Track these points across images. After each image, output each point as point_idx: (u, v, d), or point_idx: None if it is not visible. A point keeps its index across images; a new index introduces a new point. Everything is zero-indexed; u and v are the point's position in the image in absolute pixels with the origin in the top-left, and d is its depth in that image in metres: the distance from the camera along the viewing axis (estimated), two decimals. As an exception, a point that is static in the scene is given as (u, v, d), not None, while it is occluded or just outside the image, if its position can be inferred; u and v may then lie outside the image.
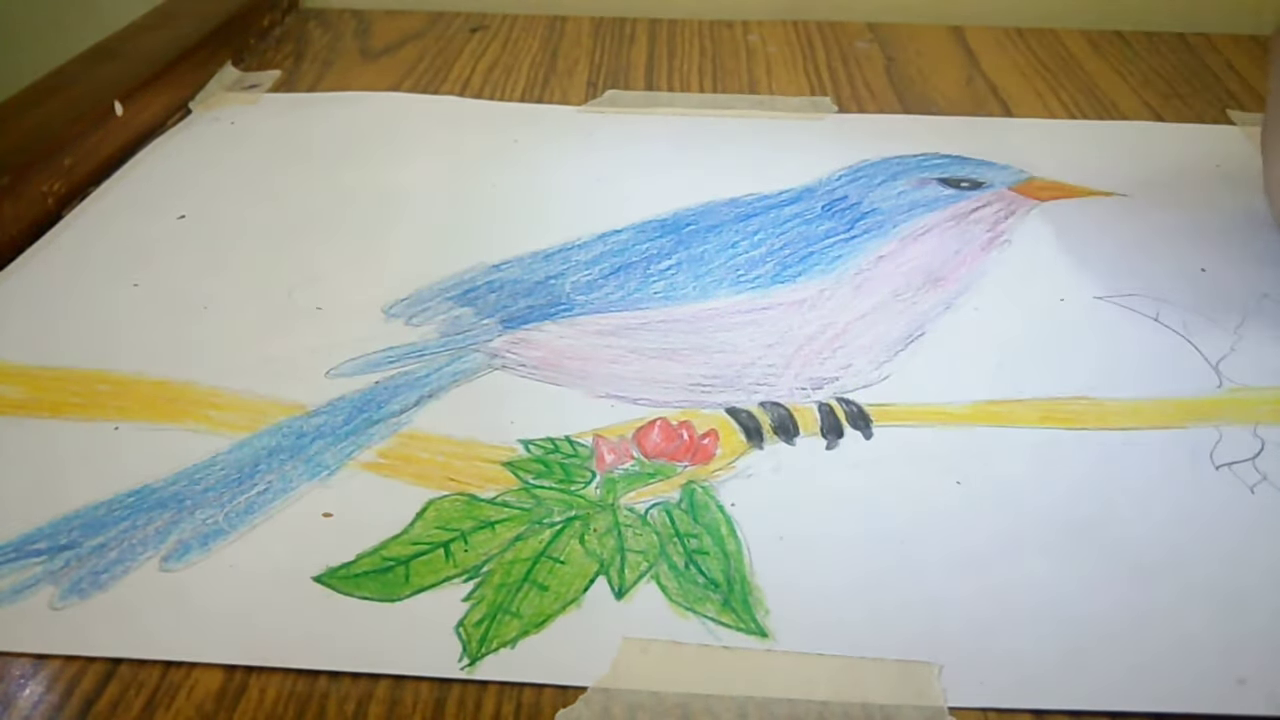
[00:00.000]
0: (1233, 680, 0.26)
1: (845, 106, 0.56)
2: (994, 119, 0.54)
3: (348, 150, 0.51)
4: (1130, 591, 0.28)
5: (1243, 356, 0.36)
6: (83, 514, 0.30)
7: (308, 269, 0.41)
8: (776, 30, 0.67)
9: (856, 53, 0.63)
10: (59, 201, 0.46)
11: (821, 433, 0.33)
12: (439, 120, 0.54)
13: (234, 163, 0.50)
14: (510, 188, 0.47)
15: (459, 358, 0.36)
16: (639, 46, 0.65)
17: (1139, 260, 0.42)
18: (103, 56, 0.55)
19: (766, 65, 0.62)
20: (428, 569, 0.28)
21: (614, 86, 0.58)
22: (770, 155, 0.50)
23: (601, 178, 0.48)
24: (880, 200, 0.45)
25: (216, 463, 0.32)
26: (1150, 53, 0.64)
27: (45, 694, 0.25)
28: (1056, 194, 0.46)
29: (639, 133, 0.53)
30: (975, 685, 0.25)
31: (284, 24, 0.68)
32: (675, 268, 0.41)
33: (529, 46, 0.64)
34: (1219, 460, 0.32)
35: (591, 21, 0.68)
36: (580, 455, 0.32)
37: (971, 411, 0.34)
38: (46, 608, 0.27)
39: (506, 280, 0.40)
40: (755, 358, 0.36)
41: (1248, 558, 0.29)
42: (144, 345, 0.37)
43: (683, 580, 0.28)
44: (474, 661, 0.26)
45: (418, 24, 0.68)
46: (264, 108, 0.55)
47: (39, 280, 0.41)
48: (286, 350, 0.36)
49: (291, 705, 0.25)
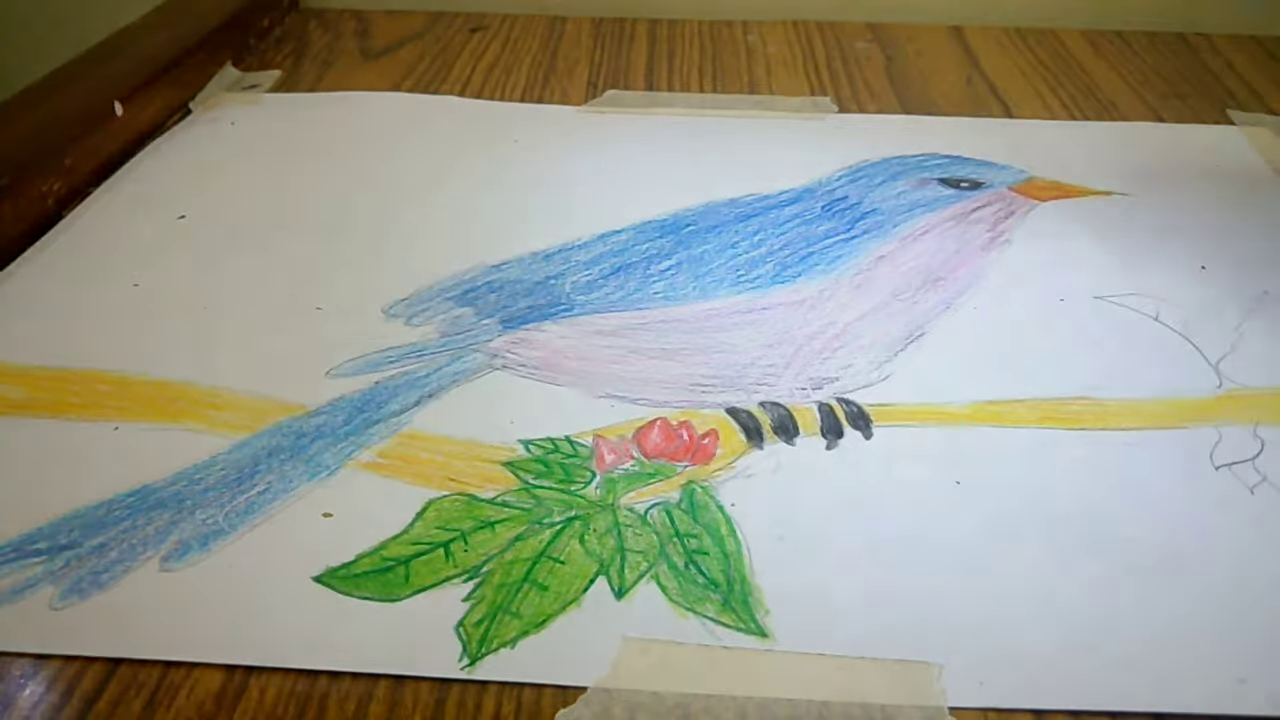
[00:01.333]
0: (1233, 680, 0.26)
1: (845, 106, 0.56)
2: (994, 119, 0.54)
3: (348, 150, 0.51)
4: (1130, 591, 0.28)
5: (1243, 356, 0.36)
6: (83, 514, 0.30)
7: (308, 269, 0.41)
8: (776, 30, 0.67)
9: (856, 53, 0.63)
10: (59, 201, 0.46)
11: (821, 433, 0.33)
12: (439, 120, 0.54)
13: (234, 163, 0.50)
14: (510, 188, 0.47)
15: (459, 358, 0.36)
16: (639, 46, 0.65)
17: (1139, 260, 0.42)
18: (103, 56, 0.55)
19: (766, 65, 0.62)
20: (428, 569, 0.28)
21: (614, 86, 0.58)
22: (770, 155, 0.50)
23: (601, 178, 0.48)
24: (880, 200, 0.45)
25: (216, 463, 0.32)
26: (1150, 53, 0.63)
27: (45, 694, 0.25)
28: (1056, 194, 0.46)
29: (639, 133, 0.53)
30: (975, 685, 0.25)
31: (284, 24, 0.68)
32: (675, 268, 0.41)
33: (529, 46, 0.64)
34: (1219, 461, 0.32)
35: (591, 21, 0.68)
36: (580, 455, 0.32)
37: (971, 411, 0.34)
38: (46, 608, 0.27)
39: (506, 280, 0.40)
40: (755, 358, 0.36)
41: (1247, 558, 0.29)
42: (144, 345, 0.37)
43: (683, 580, 0.28)
44: (474, 661, 0.26)
45: (418, 24, 0.68)
46: (264, 108, 0.55)
47: (39, 280, 0.41)
48: (286, 350, 0.36)
49: (291, 705, 0.25)
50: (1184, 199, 0.46)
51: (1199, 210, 0.45)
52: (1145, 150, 0.51)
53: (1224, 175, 0.49)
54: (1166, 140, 0.52)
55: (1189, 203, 0.46)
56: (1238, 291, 0.40)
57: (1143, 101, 0.57)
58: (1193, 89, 0.59)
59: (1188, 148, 0.51)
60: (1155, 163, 0.50)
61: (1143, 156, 0.50)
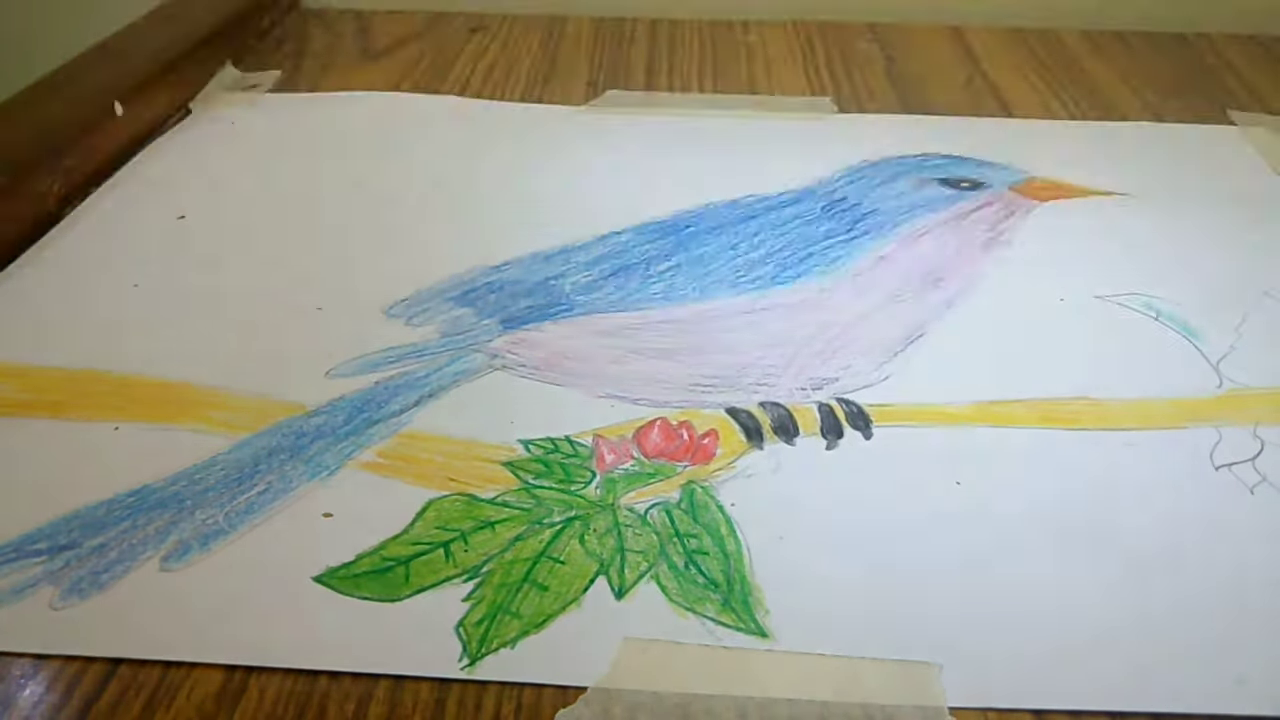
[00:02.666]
0: (1233, 680, 0.26)
1: (845, 107, 0.56)
2: (994, 119, 0.54)
3: (348, 150, 0.51)
4: (1130, 592, 0.28)
5: (1243, 356, 0.36)
6: (83, 514, 0.30)
7: (308, 269, 0.41)
8: (776, 30, 0.67)
9: (856, 53, 0.63)
10: (59, 201, 0.46)
11: (821, 433, 0.33)
12: (439, 120, 0.54)
13: (234, 163, 0.50)
14: (510, 188, 0.47)
15: (459, 358, 0.36)
16: (639, 46, 0.65)
17: (1139, 260, 0.42)
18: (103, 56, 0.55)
19: (766, 65, 0.62)
20: (428, 569, 0.28)
21: (614, 86, 0.58)
22: (770, 156, 0.50)
23: (601, 178, 0.48)
24: (880, 201, 0.45)
25: (216, 463, 0.32)
26: (1150, 53, 0.63)
27: (45, 694, 0.25)
28: (1056, 194, 0.46)
29: (639, 133, 0.53)
30: (975, 685, 0.25)
31: (284, 24, 0.68)
32: (675, 268, 0.41)
33: (529, 47, 0.64)
34: (1219, 461, 0.32)
35: (591, 22, 0.68)
36: (580, 455, 0.32)
37: (971, 411, 0.34)
38: (46, 608, 0.27)
39: (507, 281, 0.40)
40: (755, 358, 0.36)
41: (1247, 558, 0.29)
42: (144, 345, 0.37)
43: (683, 580, 0.28)
44: (474, 661, 0.26)
45: (417, 24, 0.68)
46: (264, 108, 0.55)
47: (39, 280, 0.41)
48: (287, 350, 0.36)
49: (291, 705, 0.25)
50: (1184, 199, 0.46)
51: (1199, 210, 0.45)
52: (1145, 150, 0.51)
53: (1224, 175, 0.49)
54: (1166, 140, 0.52)
55: (1189, 203, 0.46)
56: (1238, 291, 0.40)
57: (1143, 101, 0.57)
58: (1193, 89, 0.59)
59: (1188, 148, 0.51)
60: (1155, 163, 0.50)
61: (1143, 156, 0.50)
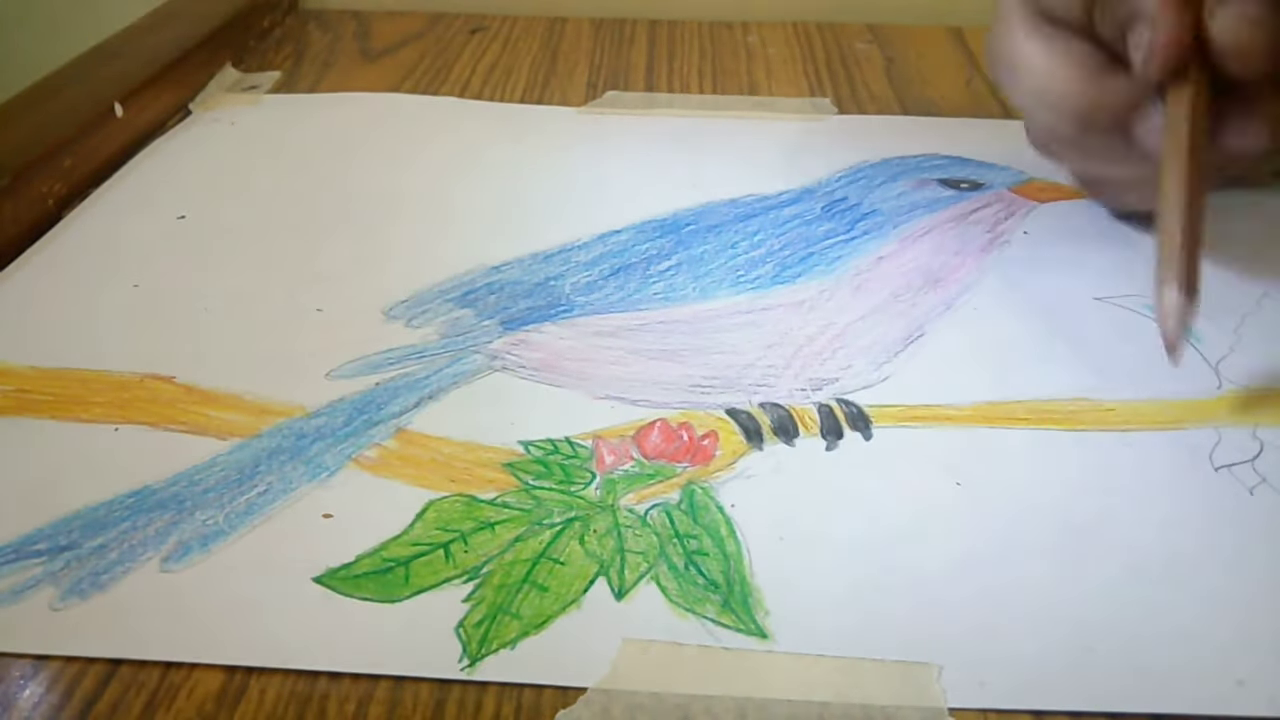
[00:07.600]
0: (1232, 681, 0.26)
1: (845, 107, 0.56)
2: (994, 120, 0.54)
3: (348, 151, 0.51)
4: (1130, 592, 0.28)
5: (1242, 357, 0.36)
6: (83, 514, 0.30)
7: (307, 270, 0.41)
8: (776, 31, 0.67)
9: (856, 53, 0.64)
10: (59, 202, 0.46)
11: (821, 434, 0.33)
12: (439, 121, 0.54)
13: (234, 163, 0.50)
14: (510, 188, 0.47)
15: (459, 359, 0.36)
16: (639, 47, 0.65)
17: (1139, 260, 0.42)
18: (103, 57, 0.55)
19: (766, 66, 0.62)
20: (428, 570, 0.28)
21: (614, 87, 0.58)
22: (770, 156, 0.50)
23: (601, 178, 0.48)
24: (880, 201, 0.45)
25: (216, 464, 0.32)
26: (1150, 54, 0.63)
27: (45, 695, 0.25)
28: (1056, 195, 0.46)
29: (639, 133, 0.53)
30: (975, 686, 0.25)
31: (284, 25, 0.68)
32: (675, 268, 0.41)
33: (529, 47, 0.64)
34: (1218, 462, 0.32)
35: (591, 22, 0.68)
36: (580, 456, 0.32)
37: (971, 412, 0.34)
38: (46, 608, 0.27)
39: (506, 281, 0.40)
40: (755, 358, 0.36)
41: (1247, 559, 0.29)
42: (144, 345, 0.37)
43: (682, 581, 0.28)
44: (474, 662, 0.26)
45: (417, 25, 0.68)
46: (264, 109, 0.55)
47: (39, 280, 0.41)
48: (286, 351, 0.36)
49: (291, 706, 0.25)
50: (1184, 200, 0.46)
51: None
52: (1145, 151, 0.51)
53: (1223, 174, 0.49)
54: (1166, 141, 0.52)
55: (1189, 204, 0.46)
56: (1238, 292, 0.40)
57: (1142, 102, 0.57)
58: (1192, 90, 0.58)
59: (1187, 149, 0.51)
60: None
61: (1142, 157, 0.50)
